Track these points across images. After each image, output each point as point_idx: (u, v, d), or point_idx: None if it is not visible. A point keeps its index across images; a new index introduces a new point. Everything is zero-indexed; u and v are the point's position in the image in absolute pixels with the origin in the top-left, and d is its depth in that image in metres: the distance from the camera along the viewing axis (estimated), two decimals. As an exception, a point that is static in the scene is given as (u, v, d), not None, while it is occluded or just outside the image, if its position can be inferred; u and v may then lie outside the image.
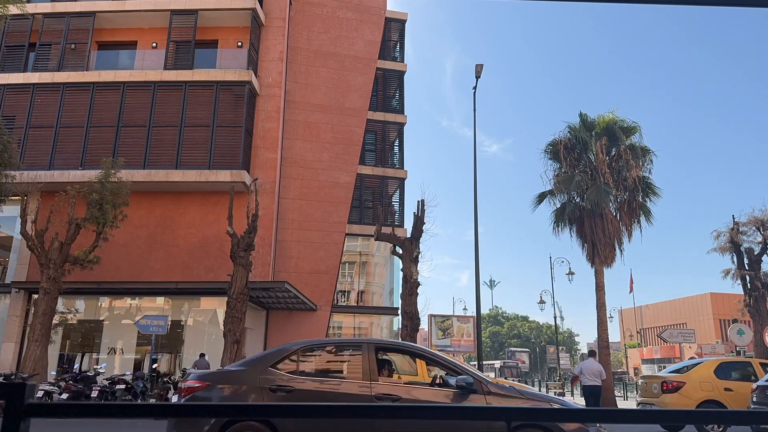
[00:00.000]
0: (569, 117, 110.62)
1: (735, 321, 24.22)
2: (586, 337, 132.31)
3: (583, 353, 64.96)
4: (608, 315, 25.99)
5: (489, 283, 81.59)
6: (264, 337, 22.19)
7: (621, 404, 25.55)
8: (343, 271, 26.22)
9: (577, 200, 25.41)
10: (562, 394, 28.84)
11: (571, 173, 24.93)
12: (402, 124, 28.25)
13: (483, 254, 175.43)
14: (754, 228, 24.09)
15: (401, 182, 27.70)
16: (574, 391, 29.11)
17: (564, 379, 36.72)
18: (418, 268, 18.19)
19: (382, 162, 27.92)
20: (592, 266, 24.76)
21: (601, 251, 24.04)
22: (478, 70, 20.40)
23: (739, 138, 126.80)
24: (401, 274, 18.61)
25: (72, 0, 23.63)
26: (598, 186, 23.99)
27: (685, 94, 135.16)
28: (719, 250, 24.78)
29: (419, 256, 18.40)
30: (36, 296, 17.90)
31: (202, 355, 17.34)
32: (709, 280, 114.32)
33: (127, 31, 24.17)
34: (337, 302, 25.01)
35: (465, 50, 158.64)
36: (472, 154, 27.46)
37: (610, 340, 24.93)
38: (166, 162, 21.50)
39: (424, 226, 18.79)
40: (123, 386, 15.17)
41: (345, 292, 27.16)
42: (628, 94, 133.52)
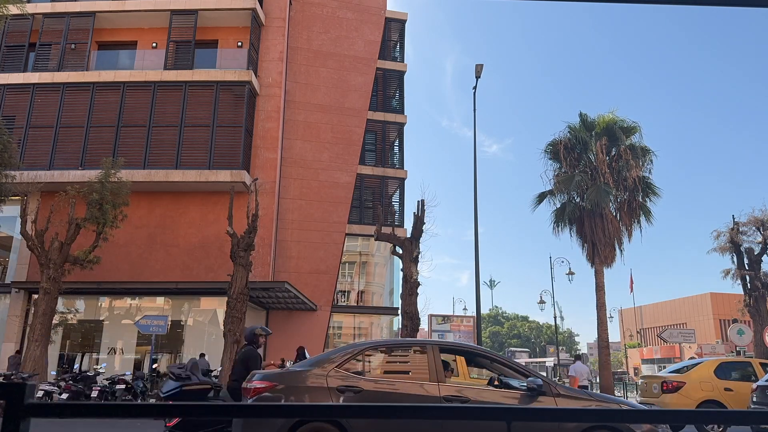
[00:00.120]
0: (569, 117, 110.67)
1: (735, 321, 24.22)
2: (586, 337, 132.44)
3: (583, 353, 64.91)
4: (608, 315, 25.99)
5: (489, 283, 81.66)
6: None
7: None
8: (343, 271, 26.21)
9: (577, 200, 25.41)
10: None
11: (571, 173, 24.94)
12: (402, 124, 28.24)
13: (483, 254, 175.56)
14: (754, 228, 24.09)
15: (401, 182, 27.69)
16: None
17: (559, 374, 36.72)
18: (418, 268, 18.19)
19: (382, 162, 27.91)
20: (592, 266, 24.76)
21: (601, 251, 24.04)
22: (478, 70, 20.39)
23: (739, 138, 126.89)
24: (401, 274, 18.62)
25: (72, 0, 23.64)
26: (598, 186, 23.99)
27: (685, 94, 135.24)
28: (719, 250, 24.78)
29: (419, 256, 18.40)
30: (36, 296, 17.90)
31: (202, 355, 17.36)
32: (709, 280, 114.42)
33: (127, 31, 24.18)
34: (337, 302, 25.00)
35: (465, 50, 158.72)
36: (472, 154, 27.46)
37: (610, 340, 24.91)
38: (166, 162, 21.50)
39: (424, 226, 18.80)
40: (123, 386, 15.17)
41: (345, 292, 27.14)
42: (628, 94, 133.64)
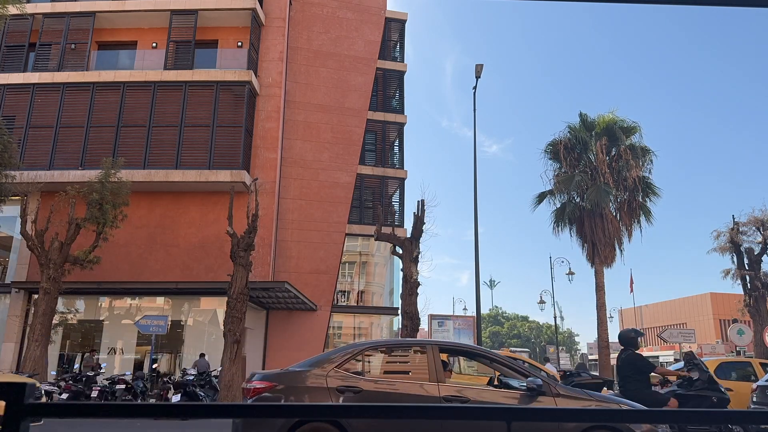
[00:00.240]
0: (569, 117, 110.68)
1: (735, 321, 24.20)
2: (586, 337, 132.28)
3: (583, 353, 64.90)
4: (608, 315, 26.01)
5: (489, 283, 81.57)
6: (264, 337, 22.20)
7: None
8: (343, 271, 26.21)
9: (577, 200, 25.43)
10: None
11: (571, 173, 24.96)
12: (402, 124, 28.24)
13: (483, 254, 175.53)
14: (754, 228, 24.08)
15: (401, 182, 27.69)
16: None
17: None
18: (418, 268, 18.19)
19: (382, 162, 27.91)
20: (592, 266, 24.78)
21: (601, 251, 24.05)
22: (478, 70, 20.40)
23: (739, 138, 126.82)
24: (401, 274, 18.61)
25: (72, 0, 23.64)
26: (598, 186, 24.01)
27: (685, 94, 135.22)
28: (719, 250, 24.77)
29: (419, 256, 18.40)
30: (36, 296, 17.89)
31: (202, 355, 17.38)
32: (709, 280, 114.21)
33: (127, 31, 24.18)
34: (337, 302, 25.00)
35: (465, 50, 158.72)
36: (472, 154, 27.47)
37: (610, 340, 24.92)
38: (166, 162, 21.50)
39: (424, 226, 18.79)
40: (123, 386, 15.16)
41: (345, 292, 27.14)
42: (628, 94, 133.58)
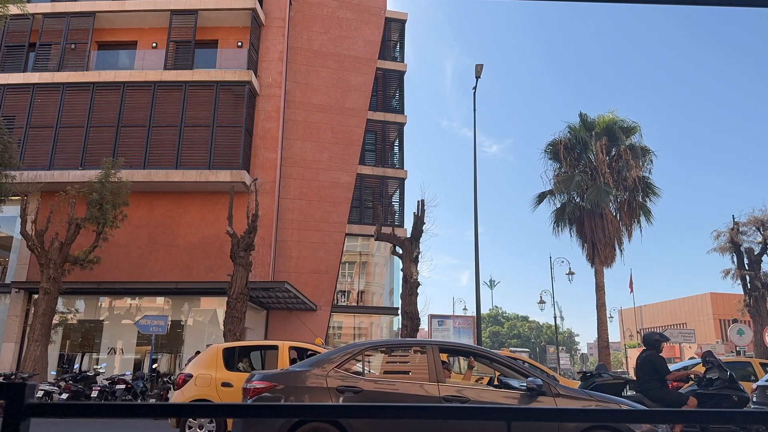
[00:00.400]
0: (569, 117, 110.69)
1: (735, 321, 24.20)
2: (586, 337, 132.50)
3: (583, 353, 64.91)
4: (608, 315, 26.01)
5: (489, 283, 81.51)
6: (264, 337, 22.19)
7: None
8: (343, 271, 26.21)
9: (577, 200, 25.43)
10: None
11: (571, 173, 24.95)
12: (402, 124, 28.24)
13: (483, 254, 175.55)
14: (754, 228, 24.06)
15: (401, 182, 27.69)
16: None
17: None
18: (418, 268, 18.19)
19: (382, 162, 27.91)
20: (592, 266, 24.78)
21: (601, 251, 24.05)
22: (478, 70, 20.39)
23: (739, 138, 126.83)
24: (401, 274, 18.61)
25: (72, 0, 23.63)
26: (598, 186, 24.01)
27: (685, 94, 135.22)
28: (719, 250, 24.76)
29: (419, 256, 18.40)
30: (36, 296, 17.90)
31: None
32: (709, 280, 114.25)
33: (127, 31, 24.17)
34: (337, 302, 25.00)
35: (465, 50, 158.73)
36: (472, 154, 27.47)
37: (610, 340, 24.94)
38: (166, 162, 21.50)
39: (424, 226, 18.79)
40: (123, 386, 15.16)
41: (345, 292, 27.14)
42: (628, 94, 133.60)
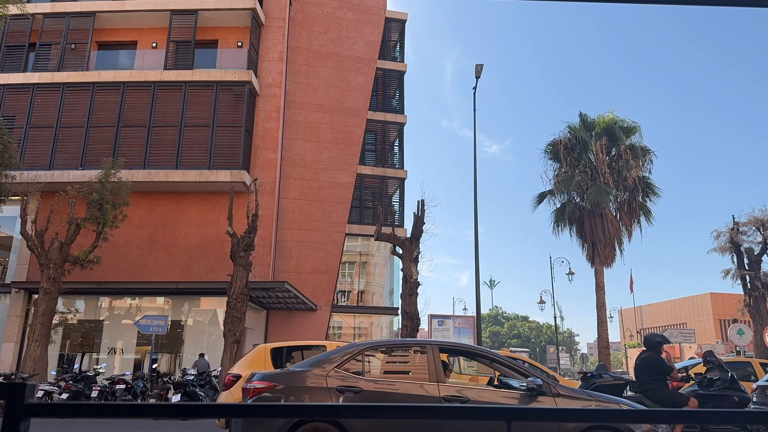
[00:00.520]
0: (569, 117, 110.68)
1: (735, 321, 24.19)
2: (586, 337, 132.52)
3: (583, 353, 64.89)
4: (608, 315, 26.02)
5: (489, 283, 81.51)
6: (264, 337, 22.19)
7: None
8: (343, 271, 26.20)
9: (577, 200, 25.43)
10: None
11: (571, 173, 24.96)
12: (402, 124, 28.23)
13: (483, 254, 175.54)
14: (754, 228, 24.06)
15: (401, 182, 27.68)
16: None
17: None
18: (418, 268, 18.19)
19: (382, 162, 27.90)
20: (592, 266, 24.78)
21: (601, 251, 24.06)
22: (478, 70, 20.39)
23: (739, 138, 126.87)
24: (401, 274, 18.61)
25: (72, 0, 23.63)
26: (598, 186, 24.01)
27: (685, 94, 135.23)
28: (719, 250, 24.76)
29: (419, 256, 18.40)
30: (36, 296, 17.90)
31: (201, 355, 17.36)
32: (709, 280, 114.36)
33: (127, 31, 24.17)
34: (337, 302, 25.00)
35: (465, 50, 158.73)
36: (472, 154, 27.48)
37: (610, 340, 24.95)
38: (166, 162, 21.50)
39: (424, 226, 18.79)
40: (123, 386, 15.16)
41: (345, 292, 27.14)
42: (628, 94, 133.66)
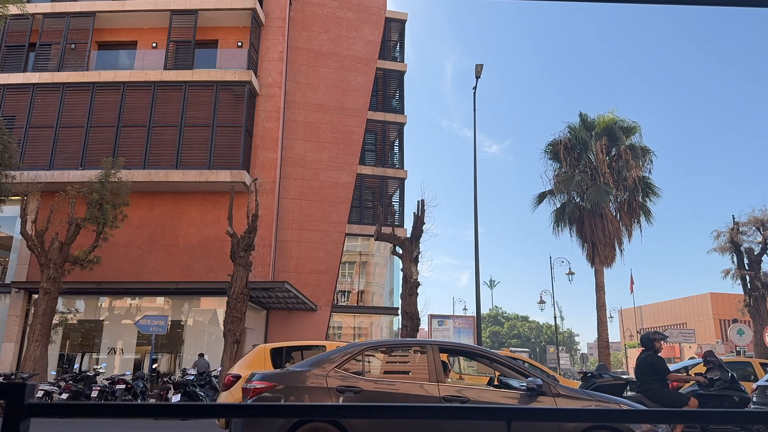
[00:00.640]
0: (569, 117, 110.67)
1: (735, 321, 24.19)
2: (586, 337, 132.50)
3: (583, 353, 64.88)
4: (608, 315, 26.01)
5: (489, 283, 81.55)
6: (264, 337, 22.19)
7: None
8: (343, 271, 26.20)
9: (577, 200, 25.42)
10: None
11: (571, 173, 24.94)
12: (402, 124, 28.23)
13: (483, 254, 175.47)
14: (754, 228, 24.06)
15: (401, 182, 27.68)
16: None
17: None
18: (418, 268, 18.18)
19: (382, 162, 27.90)
20: (592, 266, 24.77)
21: (601, 251, 24.05)
22: (478, 70, 20.39)
23: (739, 138, 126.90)
24: (401, 274, 18.60)
25: (72, 0, 23.63)
26: (598, 186, 24.00)
27: (685, 94, 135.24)
28: (719, 250, 24.76)
29: (419, 256, 18.39)
30: (36, 296, 17.89)
31: (201, 355, 17.35)
32: (709, 280, 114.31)
33: (127, 31, 24.17)
34: (337, 302, 24.99)
35: (465, 51, 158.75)
36: (472, 154, 27.48)
37: (610, 340, 24.94)
38: (166, 162, 21.50)
39: (424, 226, 18.79)
40: (123, 386, 15.16)
41: (345, 292, 27.14)
42: (628, 94, 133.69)
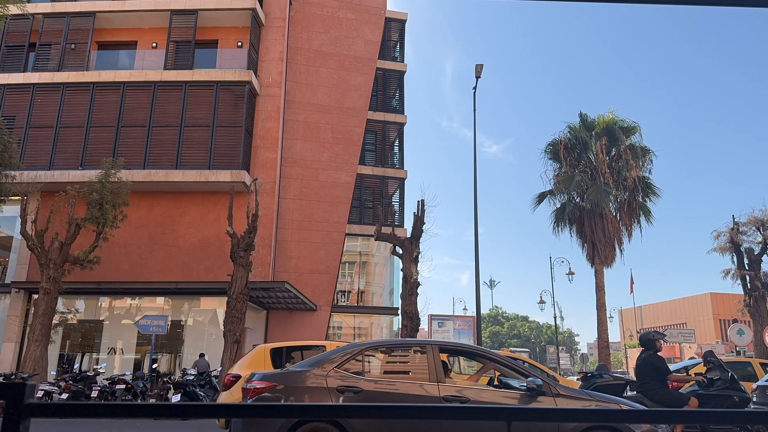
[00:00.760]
0: (569, 117, 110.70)
1: (735, 321, 24.19)
2: (586, 337, 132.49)
3: (583, 353, 64.90)
4: (608, 315, 26.01)
5: (489, 283, 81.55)
6: (264, 337, 22.19)
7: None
8: (343, 271, 26.20)
9: (577, 200, 25.42)
10: None
11: (571, 173, 24.94)
12: (402, 124, 28.23)
13: (483, 254, 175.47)
14: (754, 228, 24.06)
15: (401, 182, 27.68)
16: None
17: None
18: (418, 268, 18.18)
19: (382, 162, 27.90)
20: (592, 266, 24.77)
21: (601, 251, 24.05)
22: (478, 70, 20.39)
23: (739, 138, 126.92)
24: (401, 274, 18.60)
25: (72, 0, 23.63)
26: (598, 186, 24.00)
27: (685, 94, 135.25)
28: (719, 250, 24.76)
29: (419, 256, 18.39)
30: (36, 296, 17.89)
31: (201, 355, 17.37)
32: (709, 280, 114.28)
33: (127, 31, 24.17)
34: (337, 302, 24.99)
35: (465, 51, 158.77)
36: (472, 154, 27.48)
37: (610, 340, 24.94)
38: (166, 162, 21.50)
39: (424, 226, 18.79)
40: (123, 386, 15.16)
41: (345, 292, 27.14)
42: (628, 94, 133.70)
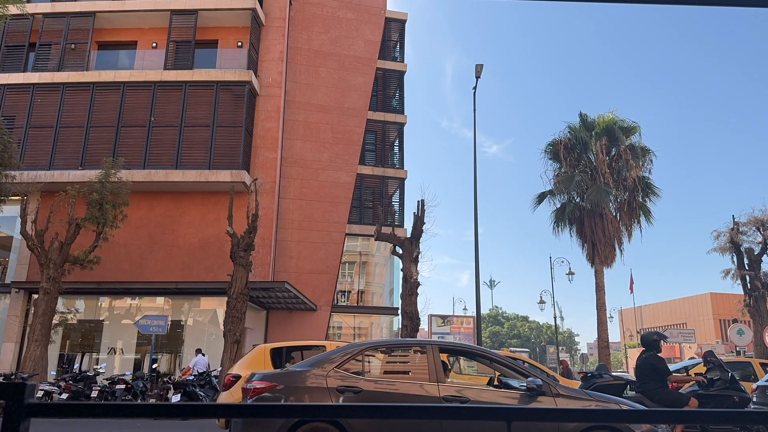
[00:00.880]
0: (569, 117, 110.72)
1: (735, 321, 24.20)
2: (586, 337, 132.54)
3: (583, 353, 64.89)
4: (608, 315, 26.00)
5: (489, 283, 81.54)
6: (264, 337, 22.20)
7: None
8: (343, 271, 26.20)
9: (577, 200, 25.41)
10: None
11: (571, 173, 24.94)
12: (402, 124, 28.23)
13: (483, 254, 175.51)
14: (754, 228, 24.06)
15: (401, 182, 27.68)
16: None
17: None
18: (418, 268, 18.18)
19: (382, 162, 27.90)
20: (592, 266, 24.77)
21: (601, 251, 24.04)
22: (478, 70, 20.38)
23: (739, 138, 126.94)
24: (401, 274, 18.60)
25: (72, 0, 23.63)
26: (598, 186, 23.99)
27: (685, 94, 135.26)
28: (719, 250, 24.76)
29: (419, 256, 18.39)
30: (36, 296, 17.89)
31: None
32: (709, 280, 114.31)
33: (127, 31, 24.17)
34: (337, 302, 24.99)
35: (465, 51, 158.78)
36: (472, 154, 27.48)
37: (610, 340, 24.94)
38: (166, 162, 21.50)
39: (424, 226, 18.79)
40: (123, 386, 15.15)
41: (345, 292, 27.14)
42: (628, 94, 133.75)
